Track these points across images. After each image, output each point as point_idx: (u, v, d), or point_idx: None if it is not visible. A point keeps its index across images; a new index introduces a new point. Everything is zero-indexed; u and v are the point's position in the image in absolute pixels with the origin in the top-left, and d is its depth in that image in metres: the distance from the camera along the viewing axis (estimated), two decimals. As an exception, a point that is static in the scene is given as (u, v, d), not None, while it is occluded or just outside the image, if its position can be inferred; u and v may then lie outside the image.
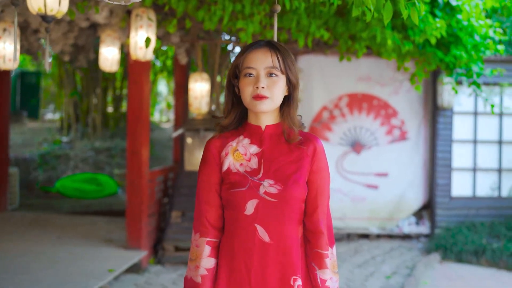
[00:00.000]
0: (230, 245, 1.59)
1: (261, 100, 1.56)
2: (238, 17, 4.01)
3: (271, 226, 1.56)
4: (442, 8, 4.30)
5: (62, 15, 2.81)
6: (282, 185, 1.57)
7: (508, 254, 5.69)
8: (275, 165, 1.60)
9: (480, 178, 6.91)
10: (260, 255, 1.56)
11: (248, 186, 1.57)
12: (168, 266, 5.08)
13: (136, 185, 4.78)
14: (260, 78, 1.57)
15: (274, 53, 1.59)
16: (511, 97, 6.79)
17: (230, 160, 1.61)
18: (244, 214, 1.56)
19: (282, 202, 1.57)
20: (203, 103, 5.27)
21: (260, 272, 1.56)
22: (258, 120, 1.64)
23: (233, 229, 1.59)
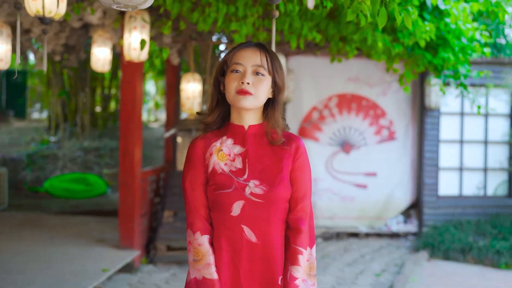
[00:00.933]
0: (218, 246, 1.59)
1: (245, 96, 1.57)
2: (231, 19, 4.06)
3: (257, 227, 1.57)
4: (431, 11, 4.39)
5: (60, 17, 2.84)
6: (267, 185, 1.58)
7: (494, 252, 5.83)
8: (259, 166, 1.61)
9: (467, 177, 7.05)
10: (248, 255, 1.57)
11: (234, 188, 1.58)
12: (160, 266, 5.11)
13: (129, 185, 4.80)
14: (247, 74, 1.58)
15: (263, 54, 1.62)
16: (496, 98, 6.94)
17: (214, 160, 1.62)
18: (230, 215, 1.57)
19: (268, 203, 1.58)
20: (195, 103, 5.31)
21: (248, 271, 1.57)
22: (241, 120, 1.65)
23: (220, 230, 1.59)
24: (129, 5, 1.57)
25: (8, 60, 3.63)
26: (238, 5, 3.87)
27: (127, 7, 1.58)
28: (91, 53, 5.20)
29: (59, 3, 2.77)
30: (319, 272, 5.25)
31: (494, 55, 6.90)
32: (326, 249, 6.25)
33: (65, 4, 2.81)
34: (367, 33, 4.13)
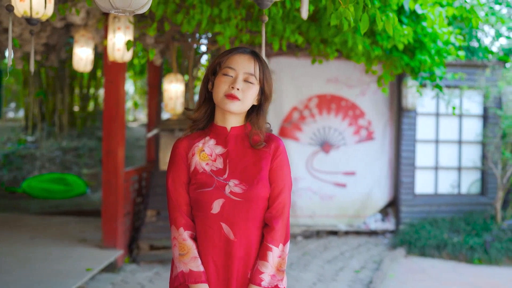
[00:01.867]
0: (200, 241, 1.65)
1: (232, 100, 1.63)
2: (215, 21, 4.12)
3: (235, 224, 1.63)
4: (409, 15, 4.54)
5: (47, 18, 2.86)
6: (246, 185, 1.63)
7: (467, 248, 6.04)
8: (240, 166, 1.67)
9: (442, 176, 7.27)
10: (225, 251, 1.63)
11: (214, 186, 1.63)
12: (143, 265, 5.14)
13: (112, 184, 4.81)
14: (238, 80, 1.64)
15: (256, 63, 1.67)
16: (470, 99, 7.16)
17: (196, 160, 1.67)
18: (210, 213, 1.62)
19: (247, 201, 1.63)
20: (178, 103, 5.35)
21: (224, 266, 1.64)
22: (225, 121, 1.70)
23: (201, 227, 1.65)
24: (126, 10, 1.63)
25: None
26: (222, 7, 3.94)
27: (125, 12, 1.63)
28: (73, 53, 5.20)
29: (47, 4, 2.79)
30: (300, 269, 5.36)
31: (467, 58, 7.14)
32: (307, 247, 6.37)
33: (52, 5, 2.83)
34: (347, 36, 4.25)
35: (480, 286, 5.10)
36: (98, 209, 7.37)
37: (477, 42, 7.79)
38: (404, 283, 5.04)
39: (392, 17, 2.49)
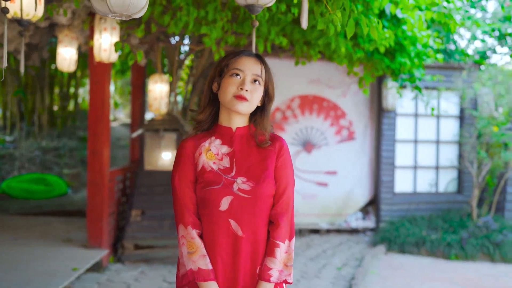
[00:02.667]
0: (207, 239, 1.67)
1: (241, 101, 1.68)
2: (202, 23, 4.18)
3: (243, 221, 1.66)
4: (390, 19, 4.67)
5: (37, 20, 2.88)
6: (254, 182, 1.68)
7: (445, 245, 6.22)
8: (246, 164, 1.71)
9: (420, 175, 7.46)
10: (233, 247, 1.66)
11: (222, 184, 1.67)
12: (128, 264, 5.16)
13: (97, 184, 4.83)
14: (246, 81, 1.68)
15: (262, 65, 1.73)
16: (447, 100, 7.37)
17: (203, 159, 1.71)
18: (218, 210, 1.65)
19: (254, 198, 1.67)
20: (163, 103, 5.39)
21: (232, 263, 1.67)
22: (230, 122, 1.75)
23: (207, 226, 1.67)
24: (124, 14, 1.68)
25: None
26: (208, 9, 4.00)
27: (122, 16, 1.69)
28: (56, 53, 5.19)
29: (37, 6, 2.82)
30: (284, 267, 5.45)
31: (445, 60, 7.34)
32: (289, 245, 6.46)
33: (42, 7, 2.85)
34: (331, 39, 4.35)
35: (456, 281, 5.28)
36: (80, 209, 7.35)
37: (454, 44, 8.01)
38: (385, 279, 5.18)
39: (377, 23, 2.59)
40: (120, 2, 1.63)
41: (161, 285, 4.56)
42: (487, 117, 6.91)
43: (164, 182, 5.32)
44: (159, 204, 5.28)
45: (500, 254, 6.09)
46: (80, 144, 11.02)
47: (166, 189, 5.33)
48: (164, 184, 5.33)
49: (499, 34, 8.74)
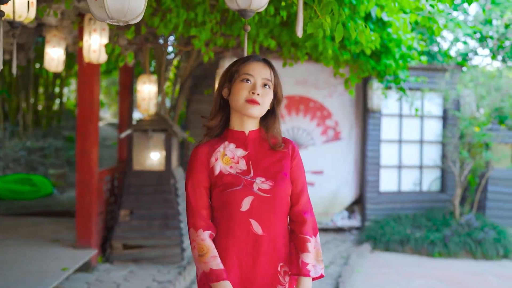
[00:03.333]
0: (224, 243, 1.69)
1: (254, 105, 1.71)
2: (191, 25, 4.22)
3: (264, 220, 1.69)
4: (375, 22, 4.77)
5: (29, 21, 2.90)
6: (272, 181, 1.71)
7: (428, 242, 6.36)
8: (262, 165, 1.75)
9: (405, 174, 7.60)
10: (253, 246, 1.68)
11: (242, 185, 1.69)
12: (117, 264, 5.18)
13: (87, 184, 4.84)
14: (257, 85, 1.73)
15: (270, 69, 1.78)
16: (430, 101, 7.52)
17: (220, 164, 1.73)
18: (239, 211, 1.68)
19: (274, 197, 1.70)
20: (151, 104, 5.42)
21: (251, 262, 1.68)
22: (242, 126, 1.78)
23: (226, 228, 1.70)
24: (121, 20, 1.73)
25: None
26: (198, 11, 4.05)
27: (119, 22, 1.74)
28: (44, 53, 5.18)
29: (29, 8, 2.84)
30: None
31: (428, 62, 7.49)
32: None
33: (35, 9, 2.87)
34: (318, 41, 4.44)
35: (440, 277, 5.41)
36: (67, 210, 7.33)
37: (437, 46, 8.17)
38: (371, 277, 5.28)
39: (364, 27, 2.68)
40: (118, 9, 1.68)
41: (151, 284, 4.60)
42: (469, 117, 7.07)
43: (153, 182, 5.35)
44: (148, 204, 5.31)
45: (481, 251, 6.25)
46: (66, 144, 10.96)
47: (155, 189, 5.36)
48: (153, 184, 5.36)
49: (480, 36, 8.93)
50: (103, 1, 1.66)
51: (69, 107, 13.55)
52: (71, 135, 11.55)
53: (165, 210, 5.31)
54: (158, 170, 5.39)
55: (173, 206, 5.33)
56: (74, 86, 14.07)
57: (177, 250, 5.22)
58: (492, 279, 5.48)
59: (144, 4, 1.73)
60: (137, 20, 1.78)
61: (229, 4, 2.25)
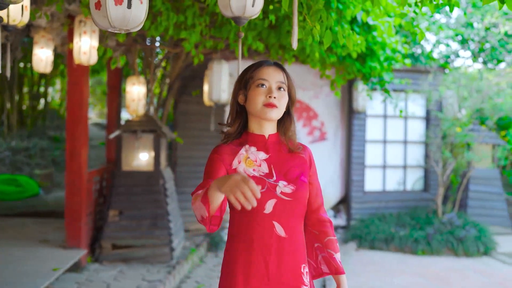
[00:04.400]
0: (248, 241, 1.71)
1: (272, 108, 1.74)
2: (181, 27, 4.29)
3: (286, 222, 1.72)
4: (361, 25, 4.89)
5: (22, 25, 2.94)
6: (294, 185, 1.75)
7: (412, 241, 6.52)
8: (284, 169, 1.78)
9: (389, 174, 7.75)
10: (277, 248, 1.71)
11: (266, 188, 1.72)
12: (106, 264, 5.21)
13: (76, 185, 4.87)
14: (273, 89, 1.76)
15: (282, 72, 1.81)
16: (414, 102, 7.69)
17: (243, 166, 1.76)
18: (263, 213, 1.70)
19: (295, 201, 1.74)
20: (140, 105, 5.46)
21: (276, 263, 1.71)
22: (262, 130, 1.81)
23: (251, 229, 1.72)
24: (123, 29, 1.80)
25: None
26: (187, 14, 4.11)
27: (121, 30, 1.81)
28: (32, 54, 5.19)
29: (23, 11, 2.88)
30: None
31: (412, 64, 7.66)
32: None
33: (28, 13, 2.92)
34: (305, 44, 4.53)
35: (423, 274, 5.56)
36: (54, 210, 7.32)
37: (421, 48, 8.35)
38: (357, 275, 5.41)
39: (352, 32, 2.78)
40: (121, 18, 1.75)
41: (141, 284, 4.65)
42: (451, 118, 7.26)
43: (142, 182, 5.40)
44: (137, 204, 5.35)
45: (463, 248, 6.43)
46: (51, 144, 10.90)
47: (144, 189, 5.40)
48: (142, 184, 5.40)
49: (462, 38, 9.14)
50: (106, 11, 1.72)
51: (54, 107, 13.46)
52: (57, 135, 11.49)
53: (154, 210, 5.36)
54: (147, 171, 5.44)
55: (162, 206, 5.38)
56: (59, 86, 13.98)
57: (166, 250, 5.27)
58: (472, 275, 5.65)
59: (145, 14, 1.81)
60: (138, 28, 1.85)
61: (223, 11, 2.33)
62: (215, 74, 5.08)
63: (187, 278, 5.15)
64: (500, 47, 8.72)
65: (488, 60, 8.97)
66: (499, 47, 8.72)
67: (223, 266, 1.79)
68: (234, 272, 1.71)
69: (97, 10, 1.76)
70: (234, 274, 1.71)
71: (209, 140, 6.88)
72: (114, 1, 1.75)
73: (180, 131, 6.86)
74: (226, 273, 1.74)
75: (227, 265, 1.75)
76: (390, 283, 5.17)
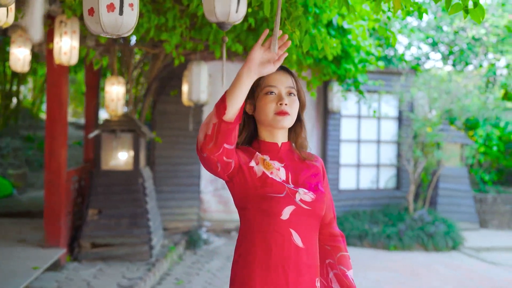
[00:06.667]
0: (267, 247, 1.60)
1: (284, 116, 1.63)
2: (162, 29, 4.36)
3: (303, 232, 1.62)
4: (336, 29, 5.06)
5: (7, 26, 2.98)
6: (314, 194, 1.65)
7: (385, 237, 6.74)
8: (301, 178, 1.67)
9: (363, 173, 7.97)
10: (295, 259, 1.60)
11: (285, 193, 1.61)
12: (85, 263, 5.24)
13: (55, 184, 4.88)
14: (283, 96, 1.64)
15: (291, 76, 1.70)
16: (387, 103, 7.93)
17: (261, 168, 1.64)
18: (280, 219, 1.59)
19: (314, 210, 1.64)
20: (119, 105, 5.50)
21: (295, 275, 1.60)
22: (274, 138, 1.69)
23: (269, 233, 1.60)
24: (115, 34, 1.89)
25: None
26: (168, 16, 4.19)
27: (112, 35, 1.89)
28: (10, 53, 5.17)
29: (8, 13, 2.92)
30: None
31: (385, 66, 7.90)
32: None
33: (13, 14, 2.95)
34: (283, 47, 4.67)
35: (396, 269, 5.77)
36: (30, 210, 7.25)
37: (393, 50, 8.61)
38: (331, 270, 5.57)
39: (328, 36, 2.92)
40: (113, 24, 1.84)
41: (121, 281, 4.70)
42: (422, 119, 7.52)
43: (121, 181, 5.44)
44: (116, 203, 5.39)
45: (433, 243, 6.69)
46: (24, 144, 10.75)
47: (123, 188, 5.45)
48: (122, 183, 5.44)
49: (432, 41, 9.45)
50: (99, 17, 1.81)
51: (26, 106, 13.25)
52: (30, 134, 11.33)
53: (133, 209, 5.41)
54: (126, 170, 5.49)
55: (141, 205, 5.43)
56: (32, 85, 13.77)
57: (146, 248, 5.33)
58: (441, 268, 5.90)
59: (136, 19, 1.90)
60: (129, 33, 1.94)
61: (208, 16, 2.43)
62: (195, 74, 5.17)
63: (166, 275, 5.22)
64: (468, 50, 9.06)
65: (457, 62, 9.31)
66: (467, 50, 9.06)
67: (235, 268, 1.66)
68: (252, 277, 1.59)
69: (90, 16, 1.84)
70: (251, 278, 1.59)
71: (187, 140, 6.95)
72: (107, 8, 1.84)
73: (158, 131, 6.91)
74: (241, 277, 1.62)
75: (242, 270, 1.62)
76: (364, 278, 5.35)
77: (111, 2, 1.83)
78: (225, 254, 6.20)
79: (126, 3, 1.86)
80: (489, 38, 8.89)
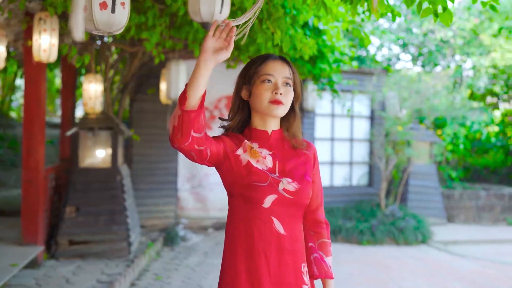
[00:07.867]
0: (249, 233, 1.65)
1: (278, 105, 1.66)
2: (141, 28, 4.42)
3: (285, 220, 1.66)
4: (312, 29, 5.21)
5: (-10, 23, 3.00)
6: (298, 184, 1.68)
7: (358, 232, 6.95)
8: (288, 166, 1.71)
9: (336, 170, 8.17)
10: (277, 245, 1.65)
11: (268, 182, 1.65)
12: (63, 260, 5.24)
13: (33, 182, 4.88)
14: (278, 85, 1.68)
15: (288, 67, 1.72)
16: (360, 102, 8.15)
17: (248, 156, 1.68)
18: (262, 207, 1.65)
19: (297, 200, 1.67)
20: (97, 103, 5.52)
21: (277, 261, 1.65)
22: (265, 126, 1.74)
23: (252, 221, 1.65)
24: (106, 31, 1.97)
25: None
26: (148, 15, 4.26)
27: (105, 33, 1.98)
28: (-15, 50, 5.13)
29: (-8, 10, 2.95)
30: (215, 256, 5.82)
31: (358, 66, 8.12)
32: (218, 237, 6.85)
33: (-4, 11, 2.98)
34: (261, 46, 4.79)
35: (368, 263, 5.97)
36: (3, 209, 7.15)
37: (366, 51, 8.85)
38: (307, 264, 5.73)
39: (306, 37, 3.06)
40: (105, 22, 1.92)
41: (100, 277, 4.73)
42: (393, 118, 7.77)
43: (99, 179, 5.46)
44: (94, 201, 5.41)
45: (403, 238, 6.94)
46: (-5, 143, 10.55)
47: (101, 185, 5.47)
48: (100, 180, 5.46)
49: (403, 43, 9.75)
50: (92, 15, 1.89)
51: (-4, 104, 12.97)
52: (0, 133, 11.12)
53: (112, 206, 5.44)
54: (104, 167, 5.51)
55: (119, 202, 5.47)
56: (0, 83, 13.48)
57: (124, 245, 5.37)
58: (411, 261, 6.13)
59: (127, 18, 1.99)
60: (120, 31, 2.02)
61: (193, 16, 2.52)
62: (173, 73, 5.24)
63: (145, 271, 5.27)
64: (436, 52, 9.39)
65: (426, 63, 9.63)
66: (436, 52, 9.39)
67: (224, 255, 1.73)
68: (237, 263, 1.66)
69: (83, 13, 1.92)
70: (237, 264, 1.66)
71: (164, 138, 7.00)
72: (99, 6, 1.92)
73: (136, 129, 6.93)
74: (229, 263, 1.69)
75: (229, 257, 1.69)
76: (338, 271, 5.53)
77: (104, 1, 1.92)
78: (202, 250, 6.29)
79: (118, 1, 1.95)
80: (456, 40, 9.24)
